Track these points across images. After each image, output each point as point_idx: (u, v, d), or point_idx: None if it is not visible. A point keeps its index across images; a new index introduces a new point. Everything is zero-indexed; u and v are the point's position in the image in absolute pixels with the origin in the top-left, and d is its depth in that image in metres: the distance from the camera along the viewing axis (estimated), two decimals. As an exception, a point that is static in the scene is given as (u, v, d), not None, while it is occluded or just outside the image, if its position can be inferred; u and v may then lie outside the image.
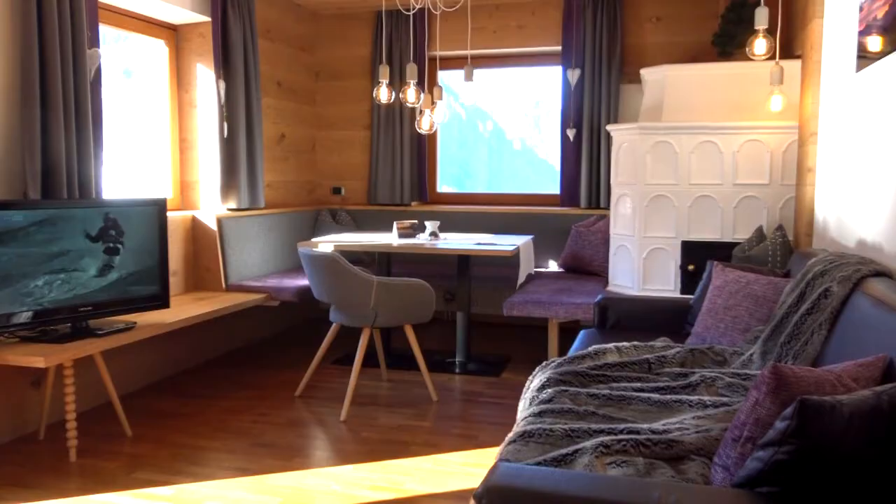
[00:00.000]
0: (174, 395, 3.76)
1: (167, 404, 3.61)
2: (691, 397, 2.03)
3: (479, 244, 4.00)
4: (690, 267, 3.99)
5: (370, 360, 4.17)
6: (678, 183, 3.98)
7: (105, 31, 3.82)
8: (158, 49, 4.37)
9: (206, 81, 4.41)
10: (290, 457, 2.95)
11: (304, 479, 2.73)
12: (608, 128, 4.41)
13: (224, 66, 4.35)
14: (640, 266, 4.10)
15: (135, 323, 3.26)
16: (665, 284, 4.06)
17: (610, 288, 4.34)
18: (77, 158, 3.24)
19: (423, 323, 3.67)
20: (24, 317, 2.86)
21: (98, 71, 3.37)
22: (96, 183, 3.35)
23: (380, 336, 4.06)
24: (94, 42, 3.35)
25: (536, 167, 5.68)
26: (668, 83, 4.20)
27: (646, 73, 4.41)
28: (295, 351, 4.68)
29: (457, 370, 4.21)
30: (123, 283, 3.21)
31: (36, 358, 2.75)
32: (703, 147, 3.94)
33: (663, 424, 1.83)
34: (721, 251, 3.86)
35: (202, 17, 4.26)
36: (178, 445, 3.07)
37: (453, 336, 4.50)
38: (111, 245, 3.15)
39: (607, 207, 4.93)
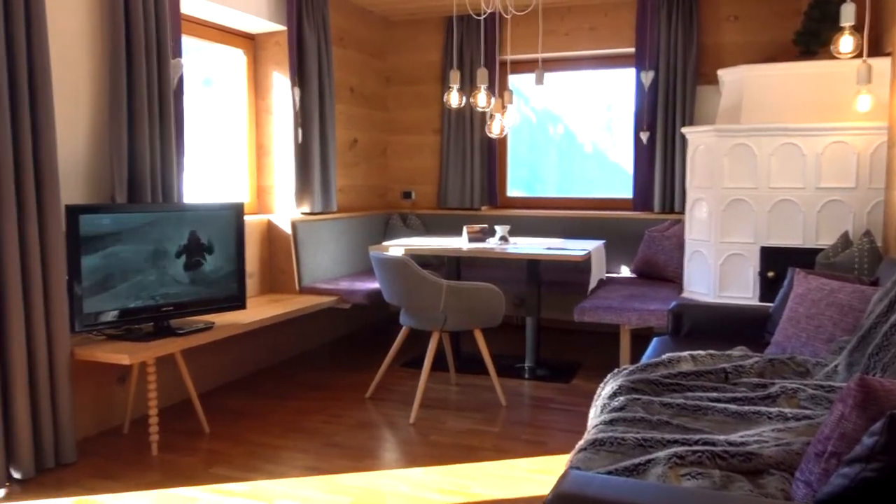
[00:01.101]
0: (249, 394, 3.86)
1: (242, 403, 3.72)
2: (771, 409, 1.96)
3: (549, 249, 3.97)
4: (770, 274, 3.85)
5: (439, 364, 4.19)
6: (757, 187, 3.85)
7: (187, 42, 3.97)
8: (237, 58, 4.52)
9: (281, 89, 4.53)
10: (361, 457, 2.99)
11: (374, 480, 2.76)
12: (683, 130, 4.30)
13: (299, 74, 4.45)
14: (717, 272, 3.98)
15: (213, 323, 3.37)
16: (743, 291, 3.94)
17: (684, 294, 4.23)
18: (161, 164, 3.38)
19: (492, 327, 3.66)
20: (111, 316, 3.00)
21: (181, 80, 3.50)
22: (178, 188, 3.48)
23: (449, 339, 4.07)
24: (177, 52, 3.48)
25: (608, 171, 5.59)
26: (747, 84, 4.07)
27: (723, 73, 4.28)
28: (365, 353, 4.74)
29: (526, 375, 4.18)
30: (203, 284, 3.32)
31: (121, 355, 2.88)
32: (784, 149, 3.80)
33: (741, 436, 1.77)
34: (803, 258, 3.71)
35: (278, 26, 4.38)
36: (252, 443, 3.15)
37: (523, 341, 4.47)
38: (192, 248, 3.27)
39: (682, 212, 4.81)
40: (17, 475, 2.72)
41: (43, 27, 2.74)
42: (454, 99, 4.19)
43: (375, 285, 4.41)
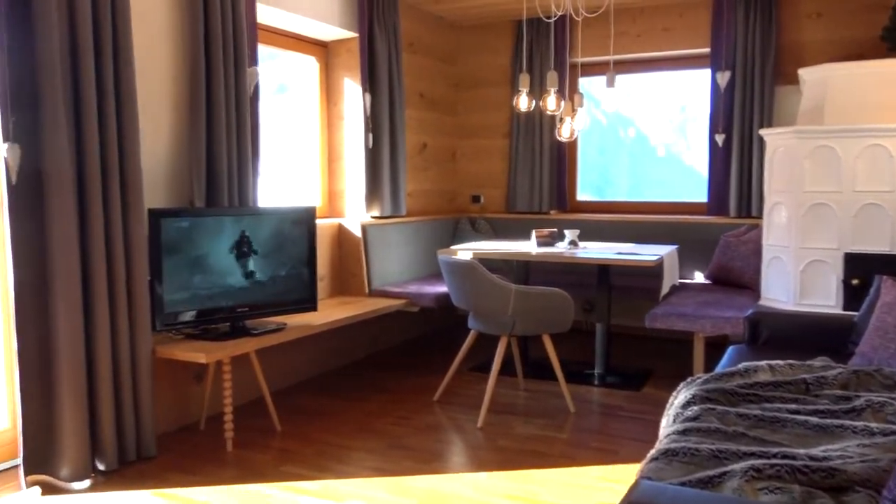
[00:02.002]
0: (319, 394, 3.93)
1: (313, 403, 3.79)
2: (855, 423, 1.87)
3: (619, 254, 3.90)
4: (855, 281, 3.68)
5: (507, 368, 4.17)
6: (841, 190, 3.69)
7: (262, 50, 4.08)
8: (310, 65, 4.62)
9: (352, 95, 4.60)
10: (428, 460, 3.00)
11: (441, 484, 2.76)
12: (762, 132, 4.16)
13: (370, 80, 4.52)
14: (797, 279, 3.83)
15: (286, 324, 3.45)
16: (825, 300, 3.77)
17: (762, 302, 4.08)
18: (237, 169, 3.48)
19: (561, 332, 3.62)
20: (189, 316, 3.10)
21: (256, 87, 3.60)
22: (253, 192, 3.58)
23: (517, 344, 4.05)
24: (253, 60, 3.58)
25: (682, 174, 5.46)
26: (830, 83, 3.91)
27: (805, 73, 4.12)
28: (433, 356, 4.77)
29: (595, 382, 4.12)
30: (276, 286, 3.40)
31: (198, 354, 2.98)
32: (870, 151, 3.62)
33: (823, 451, 1.69)
34: (891, 265, 3.53)
35: (350, 33, 4.46)
36: (322, 443, 3.21)
37: (592, 347, 4.41)
38: (266, 251, 3.35)
39: (759, 216, 4.65)
40: (101, 467, 2.85)
41: (128, 39, 2.87)
42: (523, 103, 4.17)
43: (444, 289, 4.42)
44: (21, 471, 2.65)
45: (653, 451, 1.76)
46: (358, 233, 4.48)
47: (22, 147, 2.58)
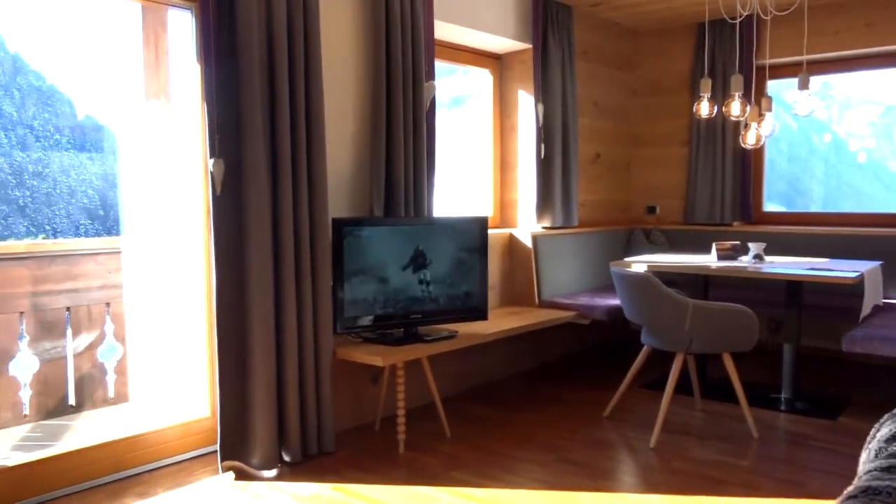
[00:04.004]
0: (487, 402, 3.97)
1: (481, 411, 3.83)
2: None
3: (812, 269, 3.59)
4: None
5: (683, 387, 3.97)
6: None
7: (438, 65, 4.21)
8: (484, 78, 4.70)
9: (526, 105, 4.62)
10: (597, 477, 2.93)
11: (611, 503, 2.68)
12: None
13: (543, 90, 4.51)
14: None
15: (456, 332, 3.51)
16: None
17: None
18: (413, 180, 3.61)
19: (743, 352, 3.39)
20: (367, 320, 3.25)
21: (433, 101, 3.71)
22: (428, 202, 3.70)
23: (694, 362, 3.85)
24: (430, 75, 3.70)
25: (886, 183, 4.94)
26: None
27: None
28: (603, 370, 4.65)
29: (782, 407, 3.81)
30: (448, 294, 3.48)
31: (375, 357, 3.11)
32: None
33: None
34: None
35: (524, 44, 4.48)
36: (490, 451, 3.23)
37: (778, 369, 4.09)
38: (440, 259, 3.44)
39: (984, 230, 4.09)
40: (286, 458, 3.05)
41: (318, 63, 3.08)
42: (705, 108, 3.97)
43: (616, 302, 4.30)
44: (218, 456, 2.91)
45: (851, 488, 1.60)
46: (529, 243, 4.48)
47: (225, 162, 2.84)
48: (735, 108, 3.84)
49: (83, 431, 3.45)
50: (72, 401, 3.62)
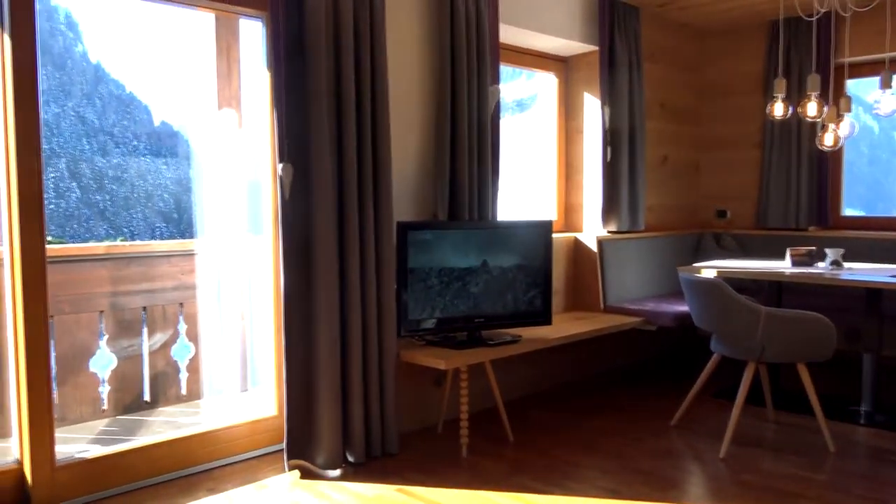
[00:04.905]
0: (551, 408, 3.93)
1: (545, 416, 3.79)
2: None
3: (894, 277, 3.43)
4: None
5: (754, 397, 3.84)
6: None
7: (503, 69, 4.19)
8: (549, 81, 4.66)
9: (591, 108, 4.57)
10: (664, 488, 2.86)
11: (678, 514, 2.62)
12: None
13: (609, 92, 4.45)
14: None
15: (520, 336, 3.49)
16: None
17: None
18: (477, 184, 3.61)
19: (819, 362, 3.26)
20: (430, 323, 3.27)
21: (497, 105, 3.71)
22: (492, 206, 3.69)
23: (766, 371, 3.72)
24: (495, 79, 3.70)
25: (977, 186, 4.68)
26: None
27: None
28: (670, 378, 4.55)
29: (861, 421, 3.65)
30: (512, 298, 3.46)
31: (438, 360, 3.12)
32: None
33: None
34: None
35: (590, 46, 4.43)
36: (554, 457, 3.20)
37: (857, 380, 3.91)
38: (503, 263, 3.43)
39: None
40: (350, 458, 3.09)
41: (384, 69, 3.11)
42: (779, 109, 3.84)
43: (684, 308, 4.20)
44: (284, 455, 2.97)
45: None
46: (594, 247, 4.42)
47: (294, 167, 2.90)
48: (811, 108, 3.70)
49: (157, 427, 3.57)
50: (147, 397, 3.75)
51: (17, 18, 2.47)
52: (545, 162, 4.72)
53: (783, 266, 3.88)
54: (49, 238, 2.62)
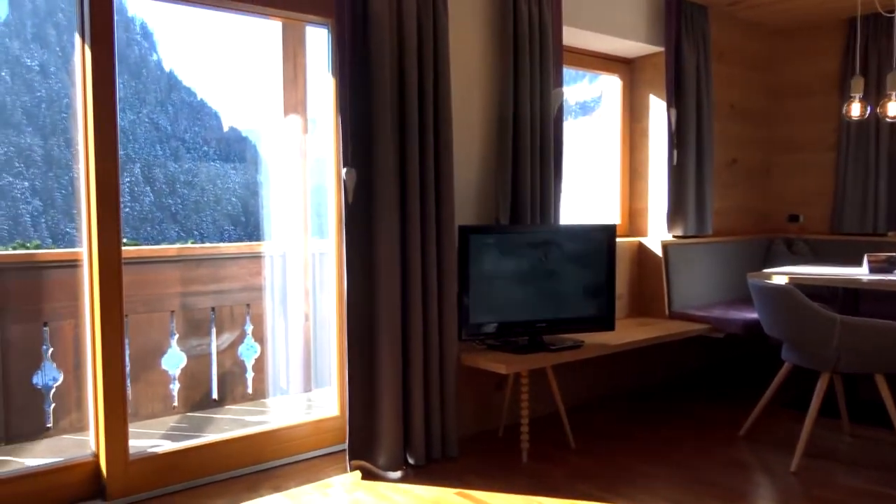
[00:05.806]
0: (614, 416, 3.86)
1: (607, 423, 3.73)
2: None
3: (982, 284, 3.25)
4: None
5: (829, 409, 3.69)
6: None
7: (566, 71, 4.16)
8: (613, 83, 4.60)
9: (657, 110, 4.48)
10: (733, 500, 2.77)
11: (746, 528, 2.53)
12: None
13: (676, 94, 4.36)
14: None
15: (582, 342, 3.45)
16: None
17: None
18: (540, 188, 3.58)
19: (899, 374, 3.11)
20: (491, 327, 3.26)
21: (560, 108, 3.67)
22: (555, 210, 3.66)
23: (842, 382, 3.57)
24: (558, 82, 3.66)
25: None
26: None
27: None
28: (739, 387, 4.41)
29: (945, 436, 3.46)
30: (574, 303, 3.42)
31: (499, 364, 3.11)
32: None
33: None
34: None
35: (656, 48, 4.35)
36: (617, 465, 3.14)
37: (941, 394, 3.72)
38: (566, 268, 3.39)
39: None
40: (411, 461, 3.11)
41: (447, 75, 3.12)
42: (856, 110, 3.69)
43: (753, 315, 4.07)
44: (346, 455, 3.00)
45: None
46: (659, 252, 4.33)
47: (357, 171, 2.94)
48: (892, 108, 3.55)
49: (224, 424, 3.67)
50: (215, 395, 3.86)
51: (97, 29, 2.58)
52: (609, 165, 4.65)
53: (860, 273, 3.72)
54: (124, 240, 2.72)
